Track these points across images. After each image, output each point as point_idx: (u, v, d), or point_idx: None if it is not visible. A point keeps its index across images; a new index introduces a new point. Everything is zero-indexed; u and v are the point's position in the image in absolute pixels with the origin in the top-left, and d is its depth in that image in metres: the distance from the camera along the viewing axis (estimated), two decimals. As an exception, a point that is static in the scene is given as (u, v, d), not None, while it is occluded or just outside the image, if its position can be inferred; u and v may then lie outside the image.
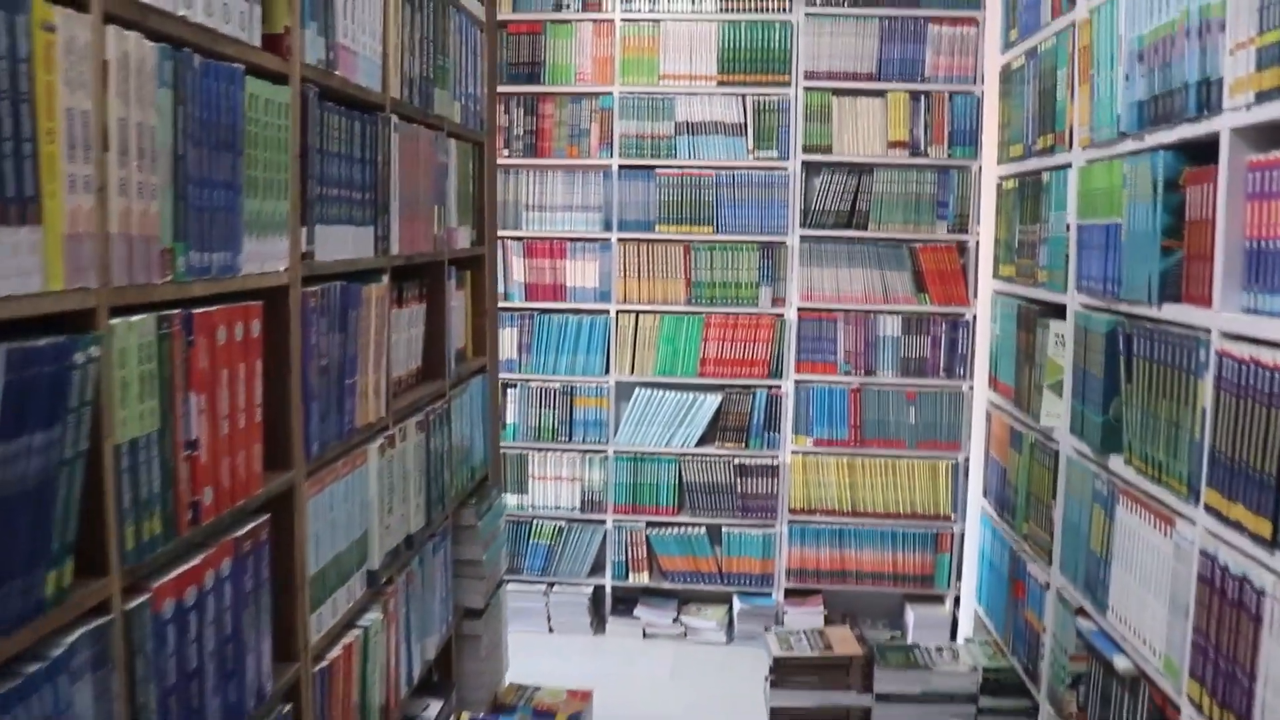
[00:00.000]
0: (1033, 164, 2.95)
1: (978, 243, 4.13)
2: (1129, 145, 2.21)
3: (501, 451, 4.34)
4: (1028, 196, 2.98)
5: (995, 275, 3.35)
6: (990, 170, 3.45)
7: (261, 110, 1.62)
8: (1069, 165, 2.61)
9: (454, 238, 2.85)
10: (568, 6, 4.45)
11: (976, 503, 3.62)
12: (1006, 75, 3.27)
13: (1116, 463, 2.28)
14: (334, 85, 1.93)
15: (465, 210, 2.98)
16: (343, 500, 2.02)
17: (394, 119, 2.26)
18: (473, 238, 3.09)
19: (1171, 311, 1.97)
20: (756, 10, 4.31)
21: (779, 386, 4.38)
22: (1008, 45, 3.26)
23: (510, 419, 4.49)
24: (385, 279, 2.24)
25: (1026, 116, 3.01)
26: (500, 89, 4.25)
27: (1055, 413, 2.70)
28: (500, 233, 4.27)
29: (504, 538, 3.41)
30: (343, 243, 1.99)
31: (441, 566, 2.76)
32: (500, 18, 4.37)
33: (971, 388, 4.18)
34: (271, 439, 1.73)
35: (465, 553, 3.00)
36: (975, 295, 4.18)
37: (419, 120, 2.48)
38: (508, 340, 4.44)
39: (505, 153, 4.43)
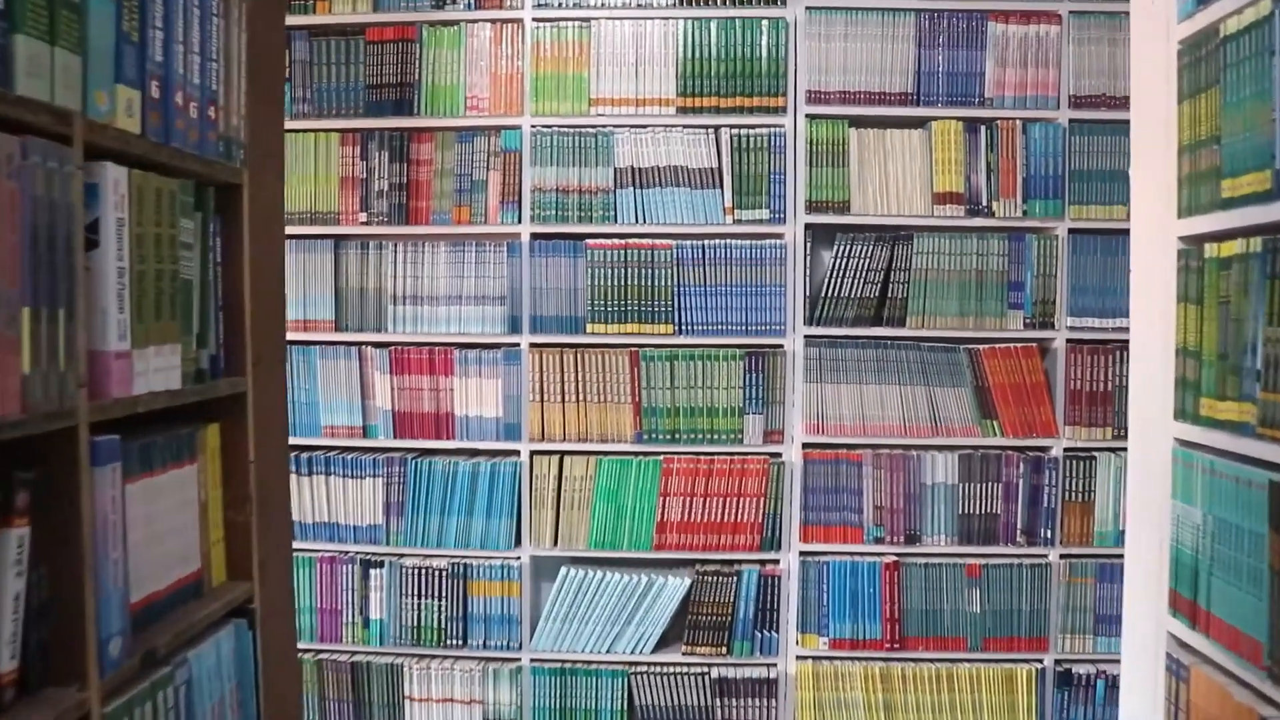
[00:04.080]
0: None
1: (1068, 340, 3.45)
2: None
3: (365, 660, 3.54)
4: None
5: (1187, 414, 1.99)
6: (1159, 225, 2.10)
7: None
8: None
9: (115, 373, 1.41)
10: (454, 3, 3.45)
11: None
12: (1198, 54, 1.91)
13: None
14: None
15: (168, 313, 1.58)
16: None
17: None
18: (199, 365, 1.67)
19: None
20: (734, 3, 3.46)
21: (777, 562, 3.59)
22: (1201, 1, 1.87)
23: (376, 613, 3.64)
24: None
25: (1271, 118, 1.61)
26: (353, 123, 3.53)
27: None
28: (355, 336, 3.64)
29: None
30: None
31: None
32: (354, 19, 3.45)
33: (1062, 556, 3.45)
34: None
35: None
36: (1064, 419, 3.48)
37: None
38: (369, 497, 3.64)
39: (362, 217, 3.53)
